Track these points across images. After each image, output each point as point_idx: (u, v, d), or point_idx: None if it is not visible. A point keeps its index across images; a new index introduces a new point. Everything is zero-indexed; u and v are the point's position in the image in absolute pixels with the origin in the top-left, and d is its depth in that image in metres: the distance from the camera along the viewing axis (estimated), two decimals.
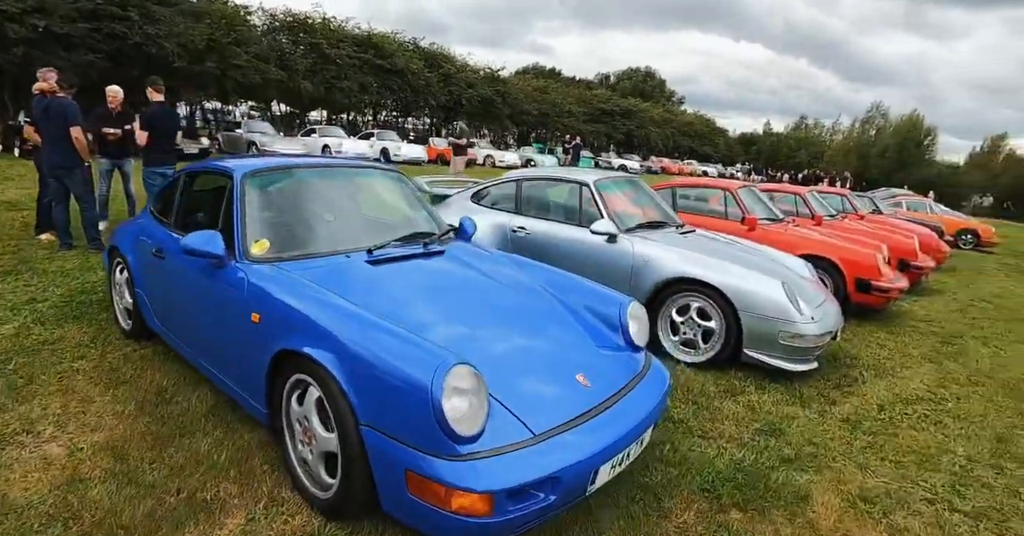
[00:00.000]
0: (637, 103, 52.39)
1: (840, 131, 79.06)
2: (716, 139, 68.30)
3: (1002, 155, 63.54)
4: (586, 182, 5.14)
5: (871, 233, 8.65)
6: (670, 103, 79.50)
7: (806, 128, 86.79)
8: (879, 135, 65.69)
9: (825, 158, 67.89)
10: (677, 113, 64.96)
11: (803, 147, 76.83)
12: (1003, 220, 38.89)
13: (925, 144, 61.93)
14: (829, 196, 11.62)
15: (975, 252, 15.77)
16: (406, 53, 30.14)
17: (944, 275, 10.68)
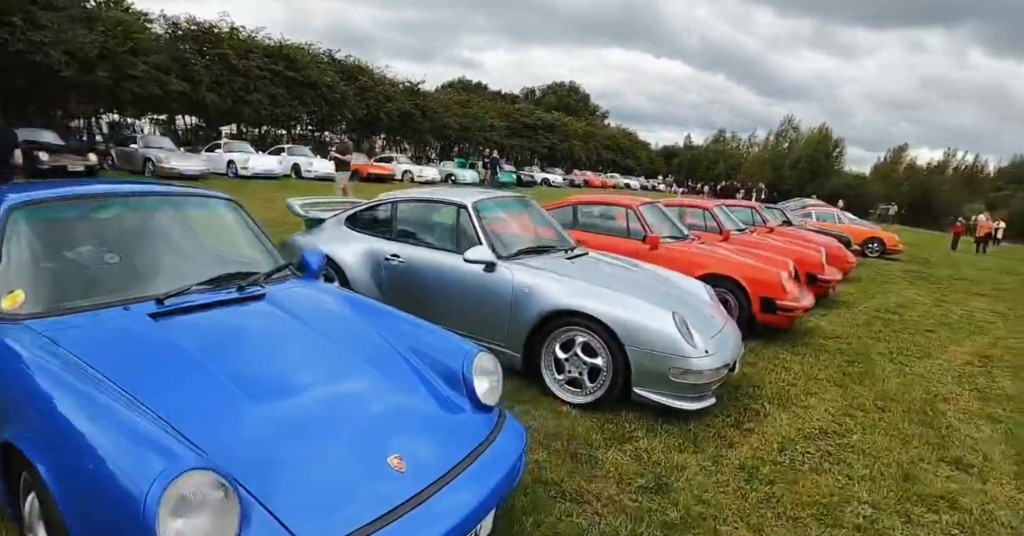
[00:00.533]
0: (560, 117, 52.75)
1: (756, 144, 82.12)
2: (638, 152, 69.73)
3: (904, 165, 67.63)
4: (464, 204, 4.62)
5: (779, 248, 8.51)
6: (594, 117, 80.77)
7: (724, 141, 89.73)
8: (792, 147, 68.47)
9: (742, 170, 70.21)
10: (600, 127, 65.97)
11: (721, 159, 79.31)
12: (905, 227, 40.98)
13: (834, 155, 64.95)
14: (738, 209, 11.56)
15: (881, 260, 16.19)
16: (320, 65, 29.19)
17: (851, 285, 10.73)
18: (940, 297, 10.79)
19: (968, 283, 13.46)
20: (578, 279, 4.13)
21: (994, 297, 11.75)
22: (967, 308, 9.93)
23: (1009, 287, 13.52)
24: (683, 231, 7.26)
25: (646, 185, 56.29)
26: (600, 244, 5.97)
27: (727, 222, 9.06)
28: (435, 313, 3.99)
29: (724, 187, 45.57)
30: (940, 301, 10.32)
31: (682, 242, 6.81)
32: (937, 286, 12.30)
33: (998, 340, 7.68)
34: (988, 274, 16.02)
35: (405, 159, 30.44)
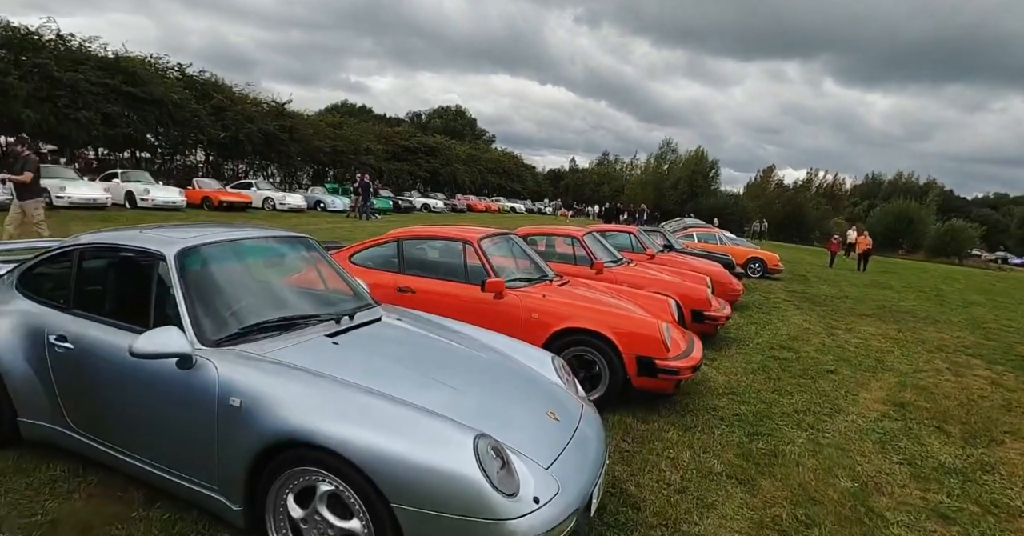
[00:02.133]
0: (442, 140, 51.24)
1: (638, 166, 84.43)
2: (524, 176, 69.47)
3: (773, 183, 71.58)
4: (161, 254, 2.90)
5: (660, 281, 7.27)
6: (481, 141, 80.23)
7: (609, 164, 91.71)
8: (671, 169, 70.57)
9: (626, 191, 71.57)
10: (484, 150, 65.10)
11: (605, 181, 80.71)
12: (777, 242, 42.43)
13: (711, 176, 67.40)
14: (616, 234, 10.39)
15: (763, 280, 15.64)
16: (166, 81, 26.15)
17: (739, 314, 9.72)
18: (831, 323, 9.98)
19: (851, 303, 12.95)
20: (327, 378, 2.47)
21: (879, 317, 11.16)
22: (860, 335, 9.12)
23: (889, 304, 13.14)
24: (545, 270, 5.86)
25: (532, 208, 55.79)
26: None
27: (600, 252, 7.73)
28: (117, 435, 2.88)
29: (607, 209, 45.46)
30: (832, 328, 9.48)
31: (536, 285, 5.35)
32: (824, 309, 11.60)
33: (904, 377, 6.72)
34: (866, 291, 15.82)
35: (267, 185, 27.69)
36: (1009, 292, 21.62)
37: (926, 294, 17.02)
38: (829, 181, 78.56)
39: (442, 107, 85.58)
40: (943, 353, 8.49)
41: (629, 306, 5.32)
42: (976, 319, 12.68)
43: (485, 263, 5.14)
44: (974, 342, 9.77)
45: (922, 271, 28.53)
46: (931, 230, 46.13)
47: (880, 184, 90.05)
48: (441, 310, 4.31)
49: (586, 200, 71.25)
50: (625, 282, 6.97)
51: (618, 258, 8.16)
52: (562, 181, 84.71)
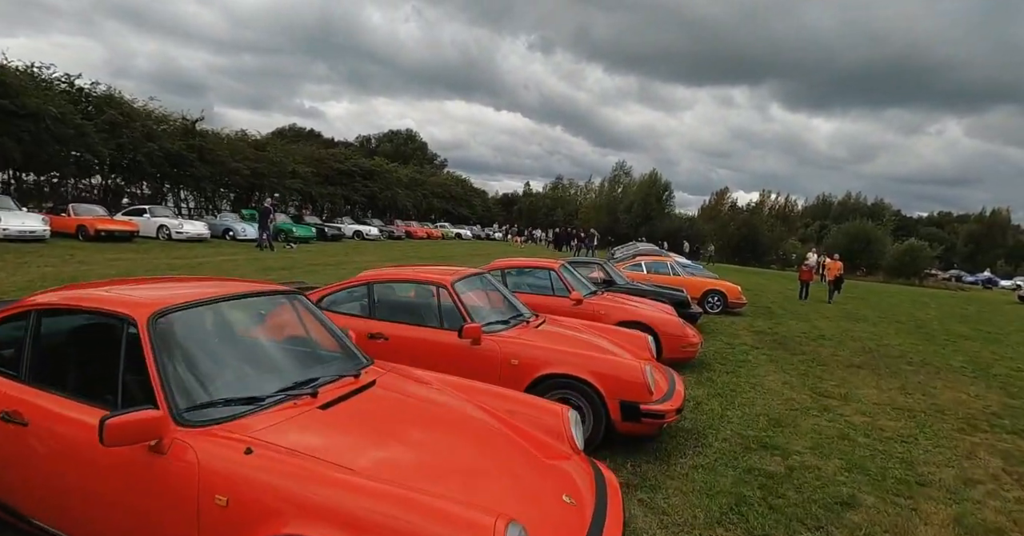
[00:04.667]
0: (381, 163, 48.01)
1: (593, 190, 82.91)
2: (473, 200, 66.93)
3: (727, 206, 70.85)
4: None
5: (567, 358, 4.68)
6: (431, 166, 77.74)
7: (562, 188, 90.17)
8: (625, 192, 69.07)
9: (580, 215, 69.80)
10: (429, 174, 62.18)
11: (559, 205, 78.98)
12: (736, 266, 40.64)
13: (664, 198, 66.02)
14: (534, 271, 7.90)
15: (724, 316, 13.19)
16: (46, 93, 22.80)
17: (697, 376, 7.15)
18: (818, 384, 7.47)
19: (831, 345, 10.53)
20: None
21: (872, 368, 8.75)
22: (862, 407, 6.62)
23: (874, 344, 10.78)
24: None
25: (480, 234, 53.13)
26: None
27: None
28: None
29: (557, 234, 43.28)
30: (822, 395, 6.96)
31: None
32: (802, 358, 9.12)
33: (960, 506, 4.16)
34: (841, 326, 13.48)
35: (165, 211, 24.21)
36: (987, 318, 19.82)
37: (906, 326, 14.84)
38: (781, 203, 78.42)
39: (392, 131, 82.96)
40: (978, 433, 6.05)
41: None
42: (977, 361, 10.44)
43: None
44: (1000, 404, 7.42)
45: (887, 295, 26.74)
46: (889, 250, 45.20)
47: (830, 205, 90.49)
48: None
49: (540, 224, 68.96)
50: (510, 356, 4.75)
51: (524, 317, 5.58)
52: (515, 206, 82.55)
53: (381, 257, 22.51)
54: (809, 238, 65.97)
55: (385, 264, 19.52)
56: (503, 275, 7.63)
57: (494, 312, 5.36)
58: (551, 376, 4.58)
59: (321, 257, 20.41)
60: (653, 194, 64.03)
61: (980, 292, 40.54)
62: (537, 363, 4.64)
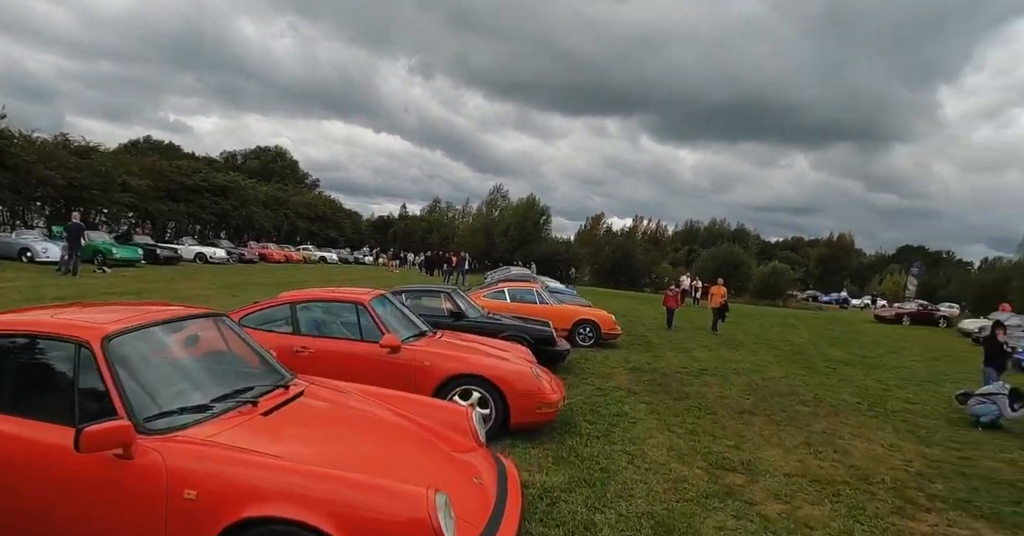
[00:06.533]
0: (236, 178, 43.55)
1: (470, 213, 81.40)
2: (343, 222, 63.21)
3: (602, 230, 71.87)
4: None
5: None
6: (303, 186, 73.19)
7: (440, 211, 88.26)
8: (502, 215, 68.04)
9: (456, 239, 68.05)
10: (293, 193, 57.83)
11: (435, 229, 76.91)
12: (611, 290, 40.14)
13: (541, 222, 65.58)
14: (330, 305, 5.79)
15: (597, 349, 11.48)
16: None
17: (556, 454, 5.19)
18: (709, 445, 5.74)
19: (717, 384, 9.02)
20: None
21: (767, 414, 7.27)
22: (772, 481, 4.94)
23: (760, 379, 9.41)
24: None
25: (348, 258, 49.68)
26: None
27: None
28: None
29: (428, 257, 41.02)
30: (719, 468, 5.18)
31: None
32: (687, 405, 7.46)
33: None
34: (722, 357, 12.20)
35: None
36: (854, 339, 19.81)
37: (784, 353, 13.93)
38: (653, 228, 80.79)
39: (260, 147, 77.26)
40: (920, 514, 4.50)
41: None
42: (868, 394, 9.47)
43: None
44: (920, 458, 6.11)
45: (757, 317, 26.67)
46: (755, 273, 46.66)
47: (697, 230, 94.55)
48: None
49: (416, 248, 66.34)
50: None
51: None
52: (391, 229, 79.51)
53: (208, 285, 19.25)
54: (679, 261, 67.84)
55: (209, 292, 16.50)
56: (293, 311, 5.96)
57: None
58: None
59: (133, 284, 16.93)
60: (530, 218, 63.37)
61: (837, 311, 42.46)
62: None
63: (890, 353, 16.22)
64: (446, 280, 31.62)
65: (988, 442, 7.09)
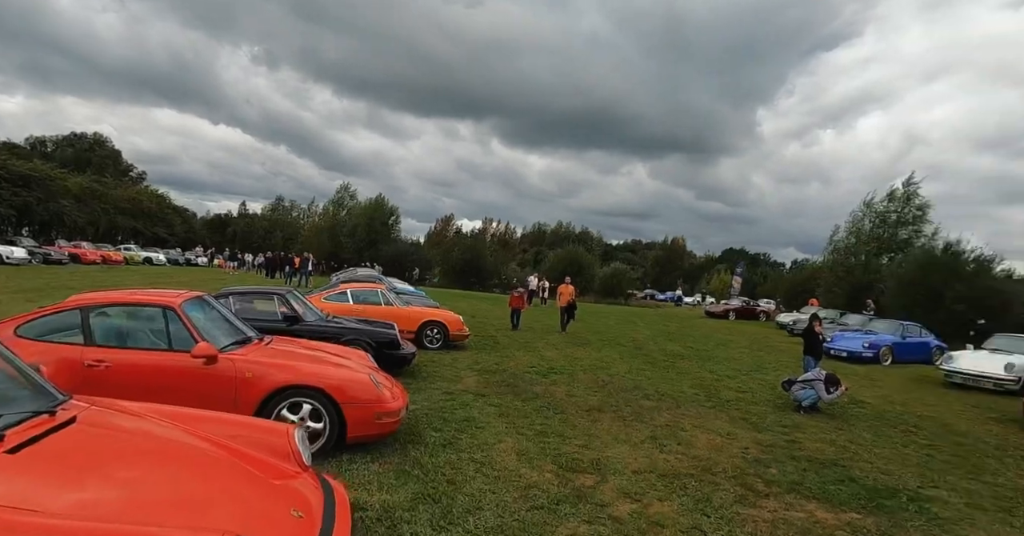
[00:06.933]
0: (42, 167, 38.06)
1: (316, 213, 78.01)
2: (172, 220, 57.98)
3: (452, 232, 71.91)
4: None
5: None
6: (126, 179, 66.12)
7: (283, 209, 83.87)
8: (349, 215, 65.79)
9: (301, 239, 64.90)
10: (112, 186, 52.04)
11: (278, 228, 72.93)
12: (462, 291, 40.08)
13: (391, 222, 64.20)
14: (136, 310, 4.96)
15: (445, 352, 11.11)
16: None
17: (399, 467, 4.75)
18: (559, 446, 5.58)
19: (565, 383, 8.99)
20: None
21: (615, 411, 7.28)
22: (621, 479, 4.86)
23: (606, 375, 9.55)
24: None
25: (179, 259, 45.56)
26: None
27: None
28: None
29: (269, 258, 38.53)
30: (569, 469, 5.00)
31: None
32: (536, 406, 7.30)
33: None
34: (569, 354, 12.34)
35: None
36: (688, 334, 20.96)
37: (628, 349, 14.38)
38: (502, 230, 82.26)
39: (75, 134, 68.58)
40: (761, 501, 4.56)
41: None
42: (704, 386, 9.89)
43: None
44: (755, 444, 6.34)
45: (602, 315, 27.66)
46: (599, 274, 48.75)
47: (545, 233, 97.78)
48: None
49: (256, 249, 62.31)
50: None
51: None
52: (228, 228, 74.25)
53: None
54: (527, 263, 69.42)
55: None
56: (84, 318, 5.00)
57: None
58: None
59: None
60: (379, 218, 61.82)
61: (673, 309, 45.34)
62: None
63: (720, 346, 17.33)
64: (288, 282, 29.84)
65: (810, 424, 7.58)
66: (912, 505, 4.93)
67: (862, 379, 12.18)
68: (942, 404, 10.30)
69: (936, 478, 5.81)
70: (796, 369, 9.89)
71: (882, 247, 31.04)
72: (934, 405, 10.11)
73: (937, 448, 7.07)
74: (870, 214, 31.90)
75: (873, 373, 13.65)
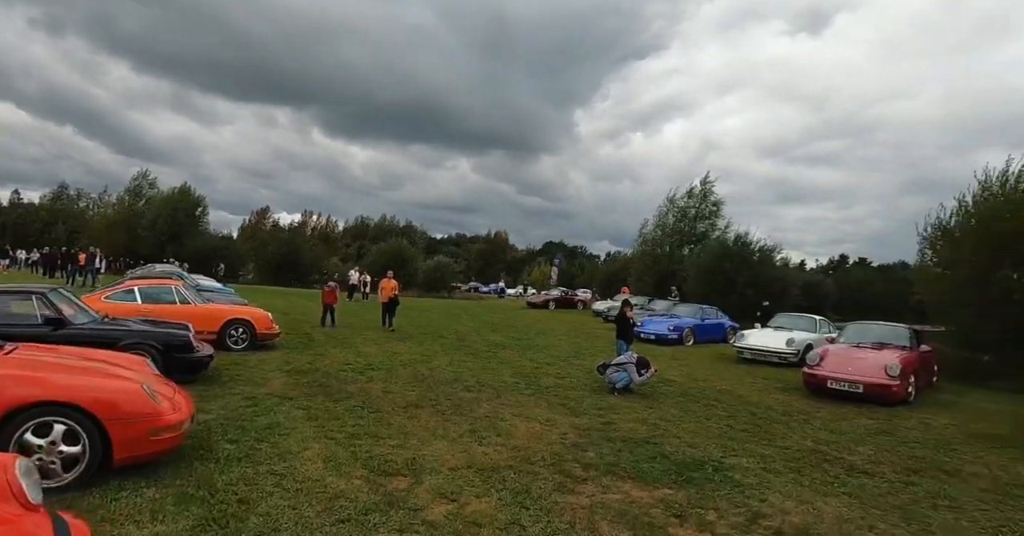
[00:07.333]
0: None
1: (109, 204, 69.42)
2: None
3: (268, 225, 67.71)
4: None
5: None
6: None
7: (68, 199, 73.85)
8: (149, 206, 59.36)
9: (88, 233, 57.53)
10: None
11: (61, 220, 64.13)
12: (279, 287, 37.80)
13: (198, 214, 58.87)
14: None
15: (252, 353, 10.14)
16: None
17: (182, 491, 4.09)
18: (371, 448, 5.16)
19: (382, 379, 8.57)
20: None
21: (435, 406, 7.02)
22: (438, 478, 4.58)
23: (426, 369, 9.27)
24: None
25: None
26: None
27: None
28: None
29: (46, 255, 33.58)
30: (381, 473, 4.63)
31: None
32: (349, 406, 6.82)
33: None
34: (389, 350, 11.89)
35: None
36: (511, 324, 21.25)
37: (450, 342, 14.19)
38: (323, 223, 78.89)
39: None
40: (579, 486, 4.51)
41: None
42: (524, 373, 10.02)
43: None
44: (573, 429, 6.37)
45: (425, 309, 27.32)
46: (422, 267, 48.32)
47: (368, 226, 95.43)
48: None
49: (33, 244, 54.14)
50: None
51: None
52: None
53: None
54: (350, 257, 67.25)
55: None
56: None
57: None
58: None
59: None
60: (183, 209, 56.39)
61: (496, 301, 46.15)
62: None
63: (540, 334, 17.76)
64: (70, 282, 26.13)
65: (624, 406, 7.84)
66: (717, 475, 5.18)
67: (669, 359, 13.02)
68: (736, 378, 11.28)
69: (736, 447, 6.21)
70: (611, 353, 10.27)
71: (684, 239, 34.07)
72: (730, 379, 11.03)
73: (735, 419, 7.63)
74: (673, 209, 34.89)
75: (678, 353, 14.70)
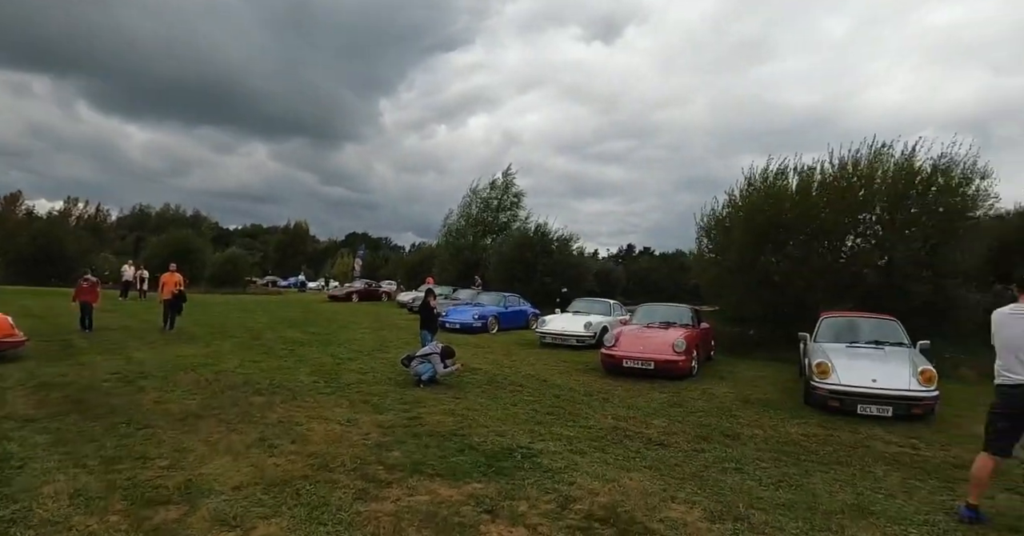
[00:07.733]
0: None
1: None
2: None
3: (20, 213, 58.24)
4: None
5: None
6: None
7: None
8: None
9: None
10: None
11: None
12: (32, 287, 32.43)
13: None
14: None
15: None
16: None
17: None
18: (135, 474, 4.37)
19: (155, 387, 7.49)
20: None
21: (217, 413, 6.19)
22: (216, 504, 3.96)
23: (213, 374, 8.29)
24: None
25: None
26: None
27: None
28: None
29: None
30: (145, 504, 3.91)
31: None
32: (111, 421, 5.80)
33: None
34: (168, 353, 10.53)
35: None
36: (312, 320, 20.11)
37: (241, 341, 12.97)
38: (92, 212, 69.10)
39: None
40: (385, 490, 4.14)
41: None
42: (324, 371, 9.40)
43: None
44: (375, 427, 6.01)
45: (215, 306, 24.99)
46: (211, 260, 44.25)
47: (148, 216, 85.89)
48: None
49: None
50: None
51: None
52: None
53: None
54: (126, 250, 59.90)
55: None
56: None
57: None
58: None
59: None
60: None
61: (297, 295, 43.76)
62: None
63: (343, 328, 16.98)
64: None
65: (430, 398, 7.60)
66: (526, 462, 5.11)
67: (475, 348, 13.05)
68: (540, 362, 11.57)
69: (543, 431, 6.24)
70: (416, 345, 10.00)
71: (487, 229, 34.83)
72: (534, 364, 11.28)
73: (540, 402, 7.72)
74: (476, 200, 35.53)
75: (483, 341, 14.81)
